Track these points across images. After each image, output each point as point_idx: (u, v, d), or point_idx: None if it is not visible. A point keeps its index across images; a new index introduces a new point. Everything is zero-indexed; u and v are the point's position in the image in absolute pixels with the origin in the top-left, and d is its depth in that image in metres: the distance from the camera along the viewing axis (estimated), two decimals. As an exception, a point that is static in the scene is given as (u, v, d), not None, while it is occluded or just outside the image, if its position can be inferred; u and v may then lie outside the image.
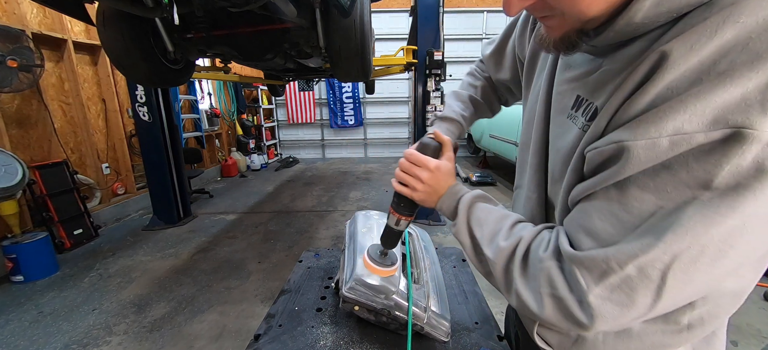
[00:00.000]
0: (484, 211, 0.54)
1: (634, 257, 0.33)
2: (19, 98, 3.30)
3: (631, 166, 0.33)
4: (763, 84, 0.27)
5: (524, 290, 0.43)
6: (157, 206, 4.04)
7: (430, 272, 0.89)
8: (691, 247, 0.31)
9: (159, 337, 2.13)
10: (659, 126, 0.31)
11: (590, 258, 0.36)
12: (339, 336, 0.79)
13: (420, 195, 0.62)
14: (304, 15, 1.94)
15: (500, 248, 0.47)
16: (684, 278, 0.32)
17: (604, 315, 0.36)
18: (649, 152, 0.32)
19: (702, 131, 0.29)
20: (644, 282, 0.33)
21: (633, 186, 0.34)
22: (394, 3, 7.69)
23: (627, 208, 0.35)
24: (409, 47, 3.81)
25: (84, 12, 1.80)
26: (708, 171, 0.29)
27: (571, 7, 0.36)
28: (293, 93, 8.36)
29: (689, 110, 0.30)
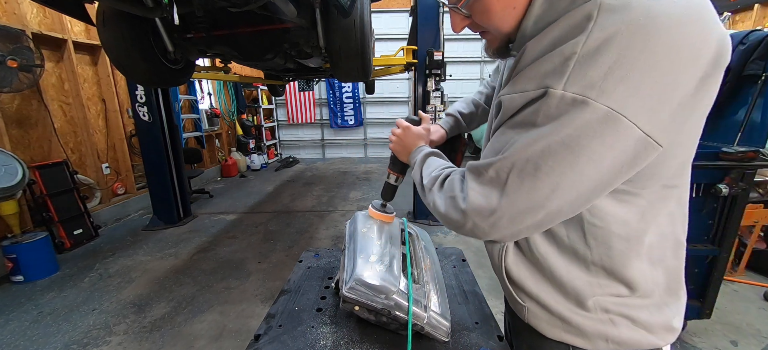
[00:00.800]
0: (432, 160, 0.71)
1: (492, 164, 0.50)
2: (19, 98, 3.30)
3: (504, 112, 0.52)
4: (559, 63, 0.43)
5: (438, 198, 0.60)
6: (157, 206, 4.04)
7: (430, 272, 0.89)
8: (519, 158, 0.47)
9: (159, 337, 2.13)
10: (514, 87, 0.50)
11: (473, 164, 0.54)
12: (339, 336, 0.79)
13: (396, 147, 0.84)
14: (304, 15, 1.93)
15: (432, 177, 0.64)
16: (517, 180, 0.47)
17: (474, 202, 0.52)
18: (509, 103, 0.50)
19: (532, 89, 0.46)
20: (496, 180, 0.50)
21: (504, 126, 0.52)
22: (394, 3, 7.69)
23: (499, 139, 0.52)
24: (409, 47, 3.81)
25: (84, 12, 1.80)
26: (533, 113, 0.46)
27: (490, 25, 0.56)
28: (293, 93, 8.36)
29: (528, 77, 0.48)
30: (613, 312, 0.56)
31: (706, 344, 1.95)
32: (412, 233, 1.02)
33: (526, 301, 0.63)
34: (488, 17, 0.54)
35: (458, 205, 0.54)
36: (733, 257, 2.57)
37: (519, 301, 0.64)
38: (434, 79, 3.60)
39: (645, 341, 0.57)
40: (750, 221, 2.39)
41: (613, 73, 0.40)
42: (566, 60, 0.42)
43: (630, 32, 0.39)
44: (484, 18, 0.55)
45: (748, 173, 1.61)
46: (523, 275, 0.61)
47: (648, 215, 0.52)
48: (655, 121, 0.41)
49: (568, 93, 0.42)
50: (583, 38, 0.41)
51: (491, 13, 0.53)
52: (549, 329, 0.61)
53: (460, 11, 0.56)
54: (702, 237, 1.78)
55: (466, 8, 0.55)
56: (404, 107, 8.67)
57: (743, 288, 2.46)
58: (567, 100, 0.42)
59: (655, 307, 0.57)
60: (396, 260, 0.81)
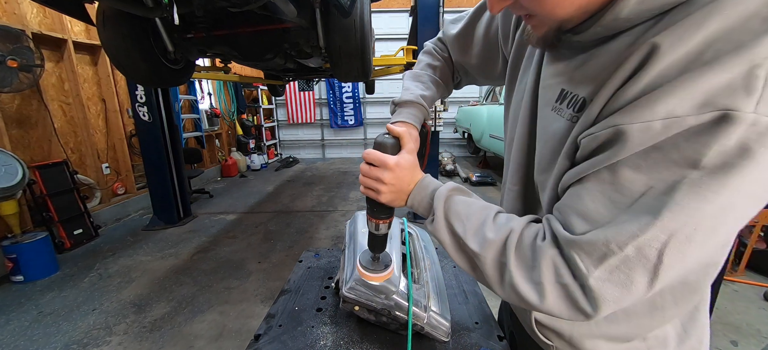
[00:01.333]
0: (463, 204, 0.51)
1: (634, 237, 0.34)
2: (19, 98, 3.30)
3: (627, 148, 0.34)
4: (746, 70, 0.29)
5: (522, 281, 0.42)
6: (157, 206, 4.04)
7: (430, 272, 0.89)
8: (686, 225, 0.32)
9: (159, 337, 2.13)
10: (653, 110, 0.33)
11: (589, 242, 0.37)
12: (339, 336, 0.79)
13: (386, 197, 0.58)
14: (304, 15, 1.93)
15: (488, 241, 0.45)
16: (679, 256, 0.33)
17: (605, 298, 0.37)
18: (642, 135, 0.33)
19: (692, 114, 0.31)
20: (642, 262, 0.34)
21: (624, 167, 0.35)
22: (394, 3, 7.69)
23: (619, 189, 0.36)
24: (409, 47, 3.81)
25: (84, 12, 1.80)
26: (697, 151, 0.31)
27: (540, 9, 0.40)
28: (293, 93, 8.36)
29: (679, 95, 0.31)
30: (650, 338, 0.50)
31: (706, 344, 1.95)
32: (412, 233, 1.02)
33: (554, 340, 0.56)
34: (541, 0, 0.39)
35: (575, 299, 0.39)
36: (733, 257, 2.57)
37: (545, 340, 0.57)
38: (434, 79, 3.59)
39: None
40: (750, 221, 2.39)
41: None
42: (753, 70, 0.29)
43: None
44: (536, 1, 0.40)
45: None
46: (557, 321, 0.53)
47: None
48: None
49: (763, 117, 0.29)
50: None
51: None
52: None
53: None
54: (702, 237, 1.78)
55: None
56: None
57: (743, 288, 2.46)
58: (762, 127, 0.29)
59: (690, 322, 0.52)
60: (396, 261, 0.81)
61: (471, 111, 6.73)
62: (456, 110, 8.04)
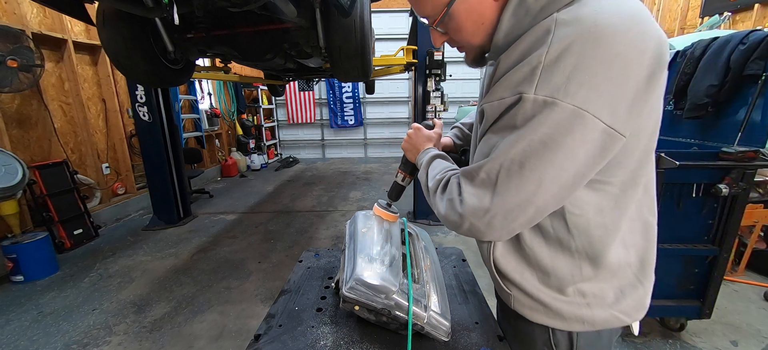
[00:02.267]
0: (438, 162, 0.74)
1: (482, 167, 0.55)
2: (19, 97, 3.30)
3: (486, 120, 0.57)
4: (528, 71, 0.49)
5: (439, 201, 0.63)
6: (157, 206, 4.04)
7: (430, 272, 0.89)
8: (505, 159, 0.52)
9: (159, 337, 2.13)
10: (493, 94, 0.55)
11: (466, 169, 0.59)
12: (339, 336, 0.79)
13: (406, 146, 0.87)
14: (304, 15, 1.93)
15: (436, 179, 0.67)
16: (506, 179, 0.52)
17: (469, 204, 0.56)
18: (490, 110, 0.56)
19: (508, 96, 0.52)
20: (487, 181, 0.55)
21: (489, 132, 0.57)
22: (394, 3, 7.69)
23: (486, 144, 0.57)
24: (409, 47, 3.81)
25: (84, 12, 1.80)
26: (512, 117, 0.52)
27: (464, 40, 0.64)
28: (293, 93, 8.36)
29: (504, 86, 0.53)
30: (589, 295, 0.63)
31: (706, 344, 1.94)
32: (412, 233, 1.02)
33: (511, 289, 0.69)
34: (461, 34, 0.62)
35: (456, 208, 0.58)
36: (733, 257, 2.57)
37: (505, 289, 0.70)
38: (434, 79, 3.60)
39: (616, 320, 0.63)
40: (750, 221, 2.38)
41: (574, 77, 0.46)
42: (534, 69, 0.49)
43: (582, 41, 0.46)
44: (458, 35, 0.63)
45: (748, 173, 1.61)
46: (510, 266, 0.67)
47: (620, 201, 0.58)
48: (616, 115, 0.47)
49: (539, 96, 0.48)
50: (545, 49, 0.48)
51: (463, 30, 0.61)
52: (532, 314, 0.68)
53: (437, 30, 0.64)
54: (702, 237, 1.78)
55: (441, 27, 0.63)
56: (404, 107, 8.66)
57: (743, 288, 2.46)
58: (539, 102, 0.48)
59: (629, 287, 0.63)
60: (396, 261, 0.81)
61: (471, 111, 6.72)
62: (456, 109, 8.04)
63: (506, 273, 0.68)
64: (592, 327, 0.63)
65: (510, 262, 0.67)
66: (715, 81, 2.07)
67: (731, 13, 3.96)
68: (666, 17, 5.03)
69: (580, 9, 0.49)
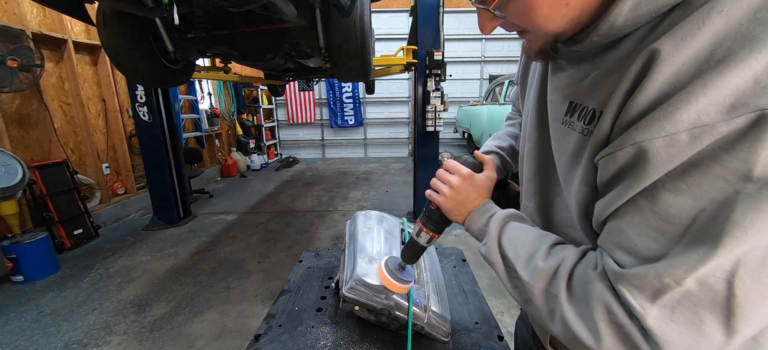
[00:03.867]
0: (519, 230, 0.49)
1: (692, 270, 0.29)
2: (19, 97, 3.30)
3: (654, 168, 0.31)
4: (760, 75, 0.27)
5: (573, 317, 0.37)
6: (157, 206, 4.04)
7: (430, 272, 0.89)
8: (755, 248, 0.27)
9: (159, 337, 2.13)
10: (673, 120, 0.29)
11: (637, 275, 0.32)
12: (339, 336, 0.79)
13: (448, 203, 0.59)
14: (304, 15, 1.94)
15: (539, 269, 0.42)
16: (754, 286, 0.28)
17: (671, 341, 0.31)
18: (669, 150, 0.30)
19: (722, 119, 0.28)
20: (709, 296, 0.29)
21: (663, 191, 0.31)
22: (394, 3, 7.70)
23: (663, 216, 0.31)
24: (409, 47, 3.81)
25: (84, 12, 1.80)
26: (744, 160, 0.27)
27: (530, 25, 0.41)
28: (293, 93, 8.36)
29: (700, 100, 0.28)
30: None
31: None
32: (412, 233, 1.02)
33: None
34: (530, 17, 0.40)
35: (635, 342, 0.33)
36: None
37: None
38: (434, 79, 3.60)
39: None
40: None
41: None
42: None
43: None
44: (525, 18, 0.41)
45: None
46: None
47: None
48: None
49: None
50: None
51: (534, 12, 0.39)
52: None
53: (493, 12, 0.41)
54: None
55: (501, 9, 0.41)
56: (404, 107, 8.67)
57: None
58: None
59: None
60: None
61: (471, 111, 6.73)
62: (456, 110, 8.05)
63: None
64: None
65: None
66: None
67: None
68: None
69: None
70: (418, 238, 0.65)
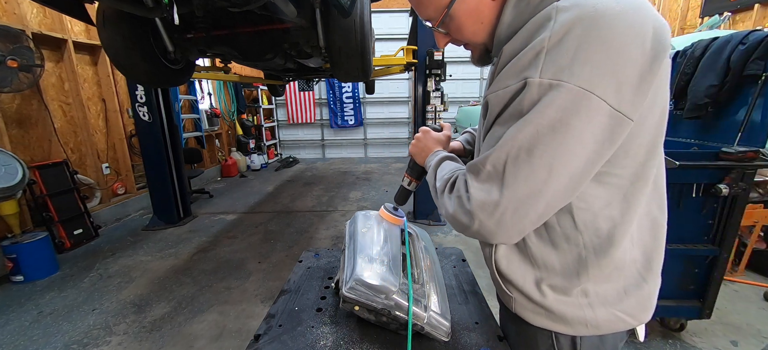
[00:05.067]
0: (447, 164, 0.72)
1: (488, 158, 0.53)
2: (19, 98, 3.30)
3: (492, 109, 0.56)
4: (532, 56, 0.49)
5: (448, 201, 0.61)
6: (157, 206, 4.04)
7: (430, 272, 0.89)
8: (513, 147, 0.50)
9: (159, 337, 2.13)
10: (497, 84, 0.54)
11: (471, 163, 0.57)
12: (339, 336, 0.79)
13: (414, 149, 0.86)
14: (304, 15, 1.94)
15: (444, 180, 0.66)
16: (514, 168, 0.50)
17: (477, 199, 0.54)
18: (495, 99, 0.54)
19: (513, 83, 0.51)
20: (494, 173, 0.53)
21: (495, 124, 0.55)
22: (394, 3, 7.69)
23: (492, 136, 0.55)
24: (409, 47, 3.81)
25: (84, 12, 1.80)
26: (518, 104, 0.50)
27: (463, 38, 0.65)
28: (293, 93, 8.36)
29: (508, 74, 0.52)
30: (591, 294, 0.61)
31: (706, 344, 1.94)
32: (412, 233, 1.02)
33: (513, 292, 0.67)
34: (462, 33, 0.64)
35: (464, 205, 0.56)
36: (733, 257, 2.57)
37: (507, 292, 0.68)
38: (434, 79, 3.60)
39: (620, 321, 0.62)
40: (750, 221, 2.38)
41: (577, 57, 0.46)
42: (538, 53, 0.48)
43: (583, 23, 0.46)
44: (459, 34, 0.64)
45: (748, 173, 1.61)
46: (513, 268, 0.66)
47: (629, 195, 0.56)
48: (621, 96, 0.47)
49: (544, 79, 0.47)
50: (547, 34, 0.48)
51: (463, 29, 0.62)
52: (534, 318, 0.66)
53: (439, 31, 0.66)
54: (702, 237, 1.78)
55: (443, 28, 0.65)
56: (404, 107, 8.67)
57: (743, 288, 2.46)
58: (545, 85, 0.47)
59: (633, 286, 0.61)
60: (396, 261, 0.81)
61: (471, 111, 6.73)
62: (456, 110, 8.04)
63: (508, 275, 0.66)
64: (597, 331, 0.62)
65: (512, 263, 0.65)
66: (715, 81, 2.07)
67: (731, 14, 3.96)
68: (666, 17, 5.02)
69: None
70: (404, 182, 0.91)
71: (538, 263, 0.62)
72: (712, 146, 1.94)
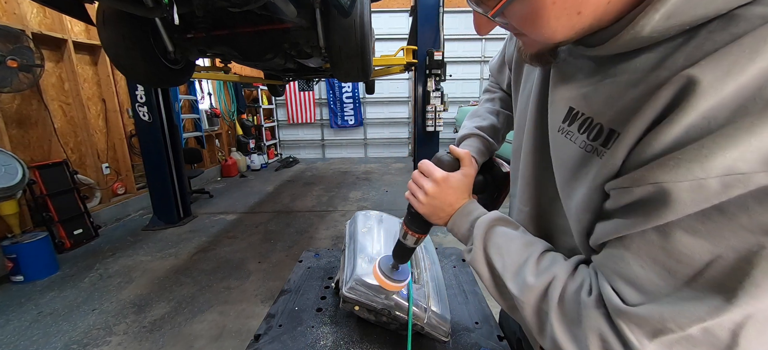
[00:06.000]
0: (505, 237, 0.47)
1: (699, 320, 0.28)
2: (19, 98, 3.30)
3: (674, 210, 0.28)
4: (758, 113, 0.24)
5: (565, 339, 0.37)
6: (157, 206, 4.04)
7: (430, 272, 0.89)
8: (757, 302, 0.26)
9: (159, 337, 2.13)
10: (705, 165, 0.26)
11: (641, 316, 0.31)
12: (339, 336, 0.79)
13: (425, 209, 0.57)
14: (304, 15, 1.94)
15: (529, 286, 0.41)
16: (758, 339, 0.27)
17: None
18: (695, 195, 0.27)
19: (762, 170, 0.24)
20: (711, 341, 0.28)
21: (679, 231, 0.29)
22: (394, 3, 7.69)
23: (674, 255, 0.29)
24: (409, 47, 3.81)
25: (84, 12, 1.80)
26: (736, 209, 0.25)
27: (537, 35, 0.37)
28: (293, 93, 8.36)
29: (741, 146, 0.25)
30: None
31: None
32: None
33: None
34: (534, 26, 0.36)
35: None
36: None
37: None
38: (434, 79, 3.60)
39: None
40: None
41: None
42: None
43: None
44: (528, 25, 0.37)
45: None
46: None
47: None
48: None
49: None
50: None
51: (540, 21, 0.34)
52: None
53: (495, 20, 0.38)
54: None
55: (504, 16, 0.37)
56: (404, 107, 8.67)
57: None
58: None
59: None
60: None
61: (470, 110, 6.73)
62: (456, 110, 8.05)
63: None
64: None
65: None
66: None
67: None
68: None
69: None
70: (405, 240, 0.63)
71: None
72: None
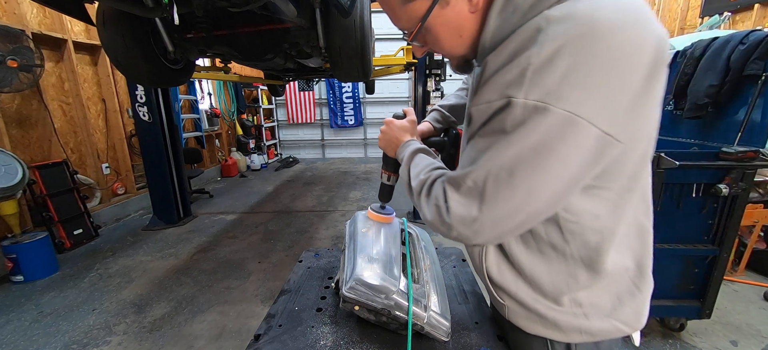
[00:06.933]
0: (420, 158, 0.70)
1: (469, 174, 0.52)
2: (19, 98, 3.30)
3: (474, 122, 0.54)
4: (517, 73, 0.45)
5: (425, 206, 0.59)
6: (157, 206, 4.04)
7: (430, 272, 0.89)
8: (493, 167, 0.49)
9: (159, 337, 2.13)
10: (481, 97, 0.52)
11: (452, 176, 0.56)
12: (339, 336, 0.79)
13: (381, 143, 0.84)
14: (304, 15, 1.94)
15: (420, 180, 0.63)
16: (494, 188, 0.49)
17: (457, 214, 0.53)
18: (477, 113, 0.52)
19: (496, 99, 0.48)
20: (474, 190, 0.51)
21: (476, 136, 0.53)
22: (394, 3, 7.68)
23: (473, 148, 0.53)
24: (409, 47, 3.81)
25: (84, 12, 1.80)
26: (501, 122, 0.48)
27: (443, 52, 0.62)
28: (293, 93, 8.36)
29: (491, 89, 0.49)
30: (586, 304, 0.60)
31: (706, 344, 1.94)
32: (412, 233, 1.02)
33: (505, 300, 0.67)
34: (439, 46, 0.61)
35: (443, 217, 0.55)
36: (733, 257, 2.57)
37: (499, 300, 0.68)
38: (434, 79, 3.60)
39: (616, 330, 0.61)
40: (750, 221, 2.38)
41: (567, 79, 0.43)
42: (523, 70, 0.45)
43: (576, 40, 0.42)
44: (437, 47, 0.62)
45: (748, 173, 1.61)
46: (504, 276, 0.65)
47: (618, 207, 0.55)
48: (612, 119, 0.44)
49: (529, 101, 0.45)
50: (536, 49, 0.44)
51: (441, 42, 0.59)
52: (528, 325, 0.65)
53: (414, 44, 0.63)
54: (702, 237, 1.78)
55: (418, 40, 0.62)
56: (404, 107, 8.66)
57: (743, 288, 2.46)
58: (529, 107, 0.45)
59: (627, 295, 0.61)
60: (396, 261, 0.81)
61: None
62: (456, 110, 8.05)
63: (499, 283, 0.66)
64: (591, 338, 0.61)
65: (503, 272, 0.65)
66: (715, 81, 2.08)
67: (731, 13, 3.95)
68: (666, 17, 5.03)
69: (574, 5, 0.44)
70: (383, 179, 0.89)
71: (525, 272, 0.62)
72: (712, 146, 1.94)
